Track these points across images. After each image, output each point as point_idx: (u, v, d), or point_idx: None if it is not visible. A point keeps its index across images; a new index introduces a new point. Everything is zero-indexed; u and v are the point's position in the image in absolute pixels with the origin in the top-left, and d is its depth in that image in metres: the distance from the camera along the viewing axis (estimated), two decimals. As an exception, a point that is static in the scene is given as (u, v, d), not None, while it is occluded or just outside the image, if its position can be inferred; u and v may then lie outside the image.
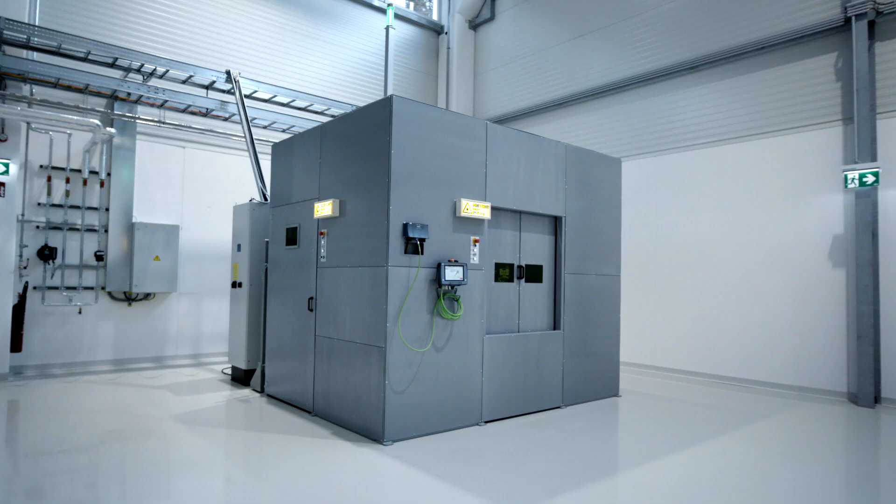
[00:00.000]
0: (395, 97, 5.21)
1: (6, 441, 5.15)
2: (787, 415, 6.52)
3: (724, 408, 6.83)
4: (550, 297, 6.77)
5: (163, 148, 9.15)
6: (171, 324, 9.21)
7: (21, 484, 4.10)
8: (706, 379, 8.42)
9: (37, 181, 8.10)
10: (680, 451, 5.07)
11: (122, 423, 5.64)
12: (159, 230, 8.91)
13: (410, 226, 5.18)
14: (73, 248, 8.35)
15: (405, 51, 12.49)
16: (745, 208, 8.22)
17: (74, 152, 8.36)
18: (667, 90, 9.30)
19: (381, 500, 3.97)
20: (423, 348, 5.28)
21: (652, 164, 9.39)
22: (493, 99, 12.45)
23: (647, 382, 8.37)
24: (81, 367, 8.35)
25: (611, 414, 6.43)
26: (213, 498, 3.93)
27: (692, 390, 7.83)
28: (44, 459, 4.61)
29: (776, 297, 7.83)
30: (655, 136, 9.42)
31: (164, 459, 4.66)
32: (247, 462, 4.75)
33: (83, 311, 8.38)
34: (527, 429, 5.70)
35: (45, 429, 5.38)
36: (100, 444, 4.99)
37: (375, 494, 4.03)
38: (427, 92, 12.86)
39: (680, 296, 8.89)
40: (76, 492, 3.96)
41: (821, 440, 5.58)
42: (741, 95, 8.38)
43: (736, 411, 6.64)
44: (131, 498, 3.83)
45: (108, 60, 8.01)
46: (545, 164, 6.55)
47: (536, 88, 11.43)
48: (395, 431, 5.08)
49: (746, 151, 8.26)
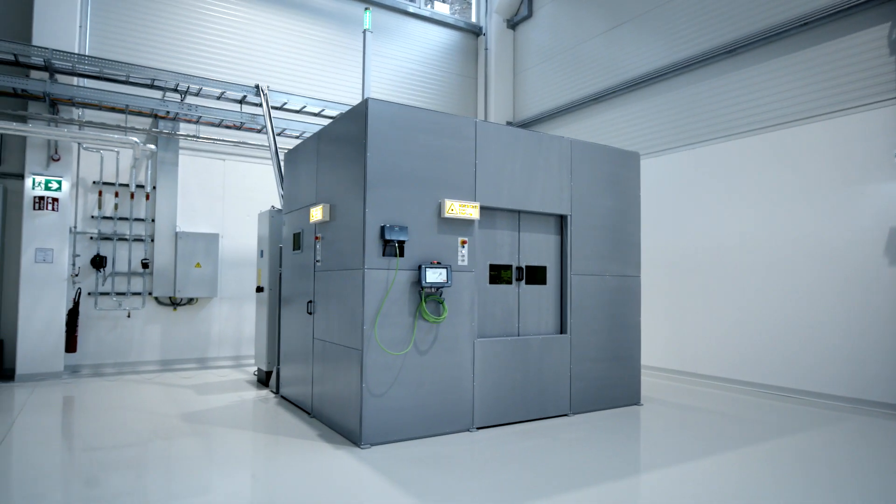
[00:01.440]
0: (370, 100, 5.21)
1: (55, 433, 5.64)
2: (832, 429, 5.84)
3: (758, 419, 6.22)
4: (556, 300, 6.48)
5: (204, 161, 9.71)
6: (214, 327, 9.72)
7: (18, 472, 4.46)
8: (746, 387, 7.73)
9: (90, 196, 8.84)
10: (680, 464, 4.68)
11: (131, 418, 6.00)
12: (200, 239, 9.45)
13: (388, 228, 5.15)
14: (122, 257, 9.03)
15: (444, 55, 12.51)
16: (789, 200, 7.48)
17: (123, 168, 9.05)
18: (705, 77, 8.67)
19: (328, 500, 3.95)
20: (402, 351, 5.21)
21: (690, 156, 8.78)
22: (531, 98, 12.17)
23: (678, 390, 7.80)
24: (131, 367, 9.00)
25: (621, 423, 6.04)
26: (156, 490, 4.07)
27: (727, 399, 7.21)
28: (51, 451, 5.00)
29: (824, 297, 7.05)
30: (694, 126, 8.80)
31: (141, 455, 4.90)
32: (216, 458, 4.87)
33: (132, 315, 9.04)
34: (519, 437, 5.48)
35: (64, 423, 5.84)
36: (95, 438, 5.34)
37: (325, 495, 4.02)
38: (467, 95, 12.80)
39: (720, 296, 8.22)
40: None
41: (865, 458, 4.94)
42: (784, 77, 7.65)
43: (770, 423, 6.03)
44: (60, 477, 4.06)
45: (147, 81, 8.61)
46: (546, 162, 6.29)
47: (574, 84, 11.05)
48: (374, 435, 5.05)
49: (791, 138, 7.52)
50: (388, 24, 11.74)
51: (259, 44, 10.25)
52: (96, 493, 3.98)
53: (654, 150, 9.36)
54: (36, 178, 8.04)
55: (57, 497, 3.95)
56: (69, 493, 4.07)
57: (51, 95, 7.92)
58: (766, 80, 7.85)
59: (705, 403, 7.01)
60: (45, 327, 8.08)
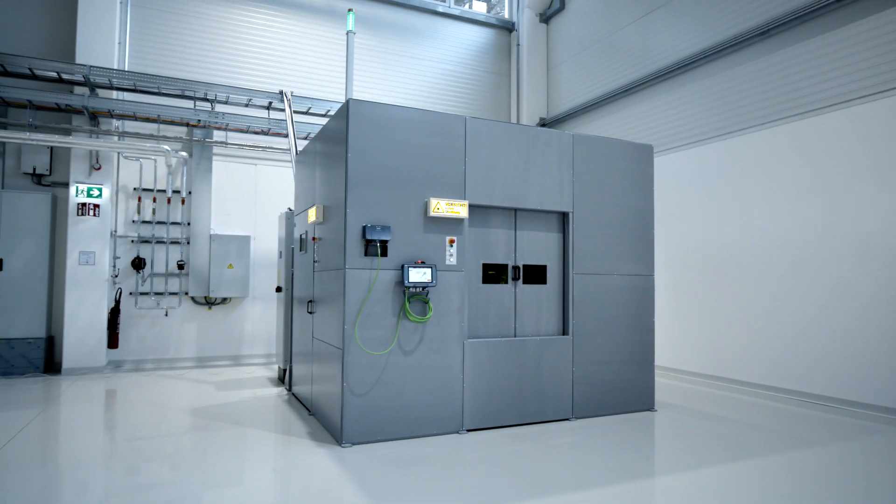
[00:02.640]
0: (351, 100, 5.23)
1: (89, 423, 6.07)
2: (867, 442, 5.31)
3: (782, 430, 5.75)
4: (558, 300, 6.26)
5: (236, 166, 10.11)
6: (247, 326, 10.10)
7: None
8: (779, 394, 7.16)
9: (130, 202, 9.42)
10: (676, 474, 4.40)
11: (142, 411, 6.32)
12: (233, 241, 9.84)
13: (369, 228, 5.16)
14: (160, 259, 9.56)
15: (476, 53, 12.42)
16: (827, 191, 6.87)
17: (160, 175, 9.58)
18: (736, 63, 8.12)
19: (282, 496, 3.99)
20: (382, 351, 5.20)
21: (722, 148, 8.24)
22: (565, 93, 11.85)
23: (702, 395, 7.34)
24: (169, 364, 9.51)
25: (624, 429, 5.75)
26: (121, 481, 4.25)
27: (753, 406, 6.71)
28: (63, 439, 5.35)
29: (862, 296, 6.42)
30: (725, 115, 8.26)
31: (123, 446, 5.14)
32: (194, 452, 4.99)
33: (169, 314, 9.55)
34: (509, 440, 5.34)
35: (81, 413, 6.25)
36: (98, 427, 5.66)
37: (283, 491, 4.06)
38: (500, 93, 12.65)
39: (753, 295, 7.67)
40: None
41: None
42: (822, 58, 7.03)
43: (796, 435, 5.56)
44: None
45: (178, 92, 9.07)
46: (545, 158, 6.09)
47: (606, 76, 10.66)
48: (355, 434, 5.07)
49: (828, 123, 6.90)
50: (418, 25, 11.79)
51: (288, 51, 10.56)
52: (50, 475, 4.22)
53: (685, 143, 8.87)
54: (79, 185, 8.65)
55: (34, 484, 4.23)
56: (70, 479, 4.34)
57: (90, 109, 8.49)
58: (803, 62, 7.24)
59: (727, 411, 6.56)
60: (88, 325, 8.69)
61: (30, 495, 3.88)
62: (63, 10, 9.11)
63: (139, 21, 9.50)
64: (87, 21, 8.79)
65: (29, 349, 8.47)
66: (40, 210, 8.65)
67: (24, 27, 8.97)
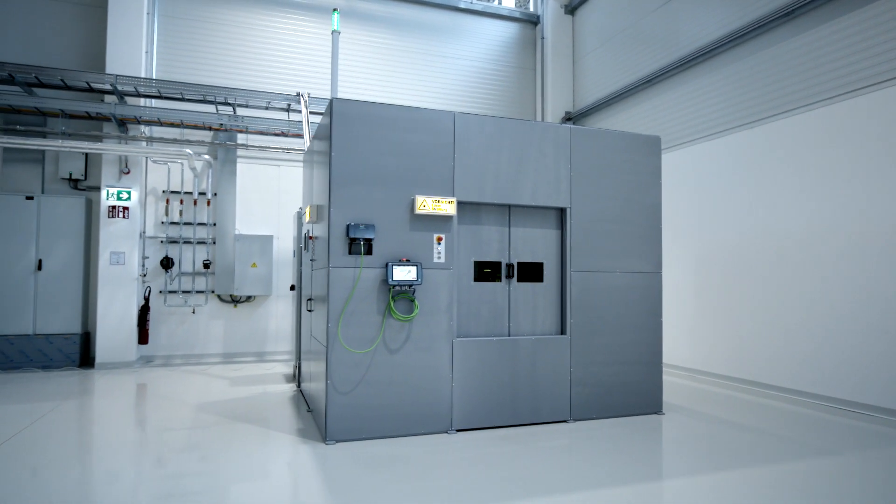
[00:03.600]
0: (335, 99, 5.26)
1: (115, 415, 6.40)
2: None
3: (793, 437, 5.39)
4: (556, 298, 6.09)
5: (260, 168, 10.38)
6: (270, 323, 10.36)
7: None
8: (808, 399, 6.72)
9: (159, 204, 9.84)
10: (662, 481, 4.20)
11: (151, 404, 6.58)
12: (256, 240, 10.12)
13: (352, 226, 5.17)
14: (187, 258, 9.94)
15: (501, 49, 12.27)
16: (864, 180, 6.38)
17: (188, 178, 9.95)
18: (762, 47, 7.66)
19: (245, 488, 4.05)
20: (365, 350, 5.20)
21: (748, 137, 7.79)
22: (590, 85, 11.53)
23: (719, 398, 6.97)
24: (196, 359, 9.87)
25: (623, 433, 5.53)
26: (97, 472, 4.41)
27: (777, 412, 6.32)
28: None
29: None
30: (751, 102, 7.81)
31: (121, 439, 5.34)
32: (178, 445, 5.13)
33: (196, 312, 9.91)
34: (497, 441, 5.23)
35: (95, 406, 6.56)
36: (98, 419, 5.92)
37: (247, 483, 4.13)
38: (525, 88, 12.44)
39: (779, 293, 7.22)
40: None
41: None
42: (855, 36, 6.53)
43: (806, 443, 5.21)
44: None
45: (199, 97, 9.39)
46: (540, 152, 5.94)
47: (631, 65, 10.30)
48: (339, 432, 5.10)
49: (863, 105, 6.40)
50: (442, 23, 11.75)
51: (308, 53, 10.74)
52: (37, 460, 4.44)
53: (710, 133, 8.44)
54: (109, 189, 9.10)
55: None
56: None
57: (117, 116, 8.91)
58: (835, 40, 6.75)
59: (743, 416, 6.20)
60: (119, 322, 9.13)
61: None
62: (95, 23, 9.59)
63: (165, 30, 9.90)
64: (116, 32, 9.22)
65: (66, 344, 8.98)
66: (75, 213, 9.15)
67: (59, 40, 9.50)
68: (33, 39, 9.39)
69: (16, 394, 7.08)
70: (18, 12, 9.32)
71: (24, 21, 9.35)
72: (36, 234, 8.91)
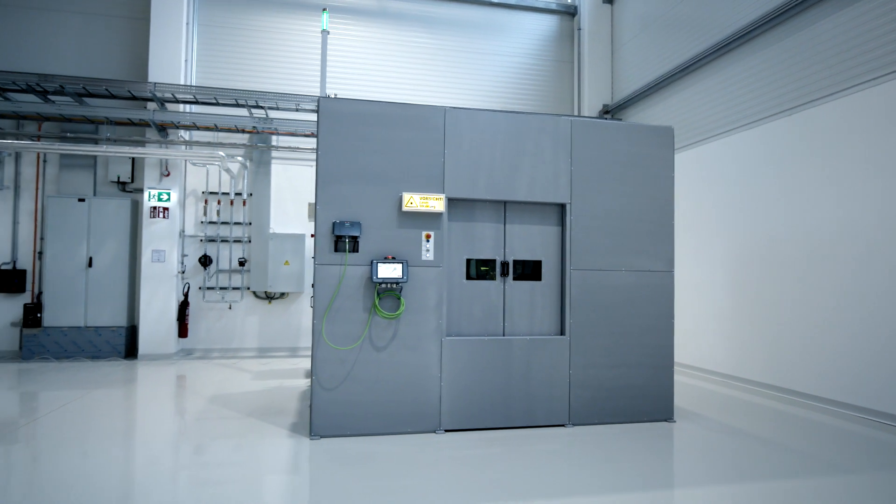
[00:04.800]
0: (322, 99, 5.30)
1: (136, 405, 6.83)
2: None
3: (810, 453, 4.93)
4: (555, 298, 5.86)
5: (295, 168, 10.68)
6: (303, 319, 10.64)
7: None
8: (847, 411, 6.12)
9: (199, 204, 10.33)
10: (644, 492, 3.97)
11: (168, 393, 6.90)
12: (288, 239, 10.42)
13: (338, 224, 5.20)
14: (224, 256, 10.38)
15: (539, 42, 12.02)
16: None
17: (225, 179, 10.39)
18: (805, 24, 7.05)
19: (206, 476, 4.16)
20: (349, 346, 5.21)
21: (786, 125, 7.20)
22: (629, 75, 11.06)
23: (742, 405, 6.49)
24: (233, 353, 10.29)
25: (623, 440, 5.25)
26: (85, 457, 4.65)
27: (800, 422, 5.81)
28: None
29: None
30: (790, 87, 7.21)
31: (122, 424, 5.61)
32: (171, 433, 5.35)
33: (233, 308, 10.34)
34: (485, 443, 5.11)
35: (120, 394, 6.96)
36: (116, 409, 6.25)
37: (210, 472, 4.24)
38: (563, 81, 12.11)
39: (815, 294, 6.63)
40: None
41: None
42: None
43: (822, 459, 4.75)
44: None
45: (232, 102, 9.77)
46: (536, 146, 5.74)
47: (669, 53, 9.78)
48: (324, 427, 5.14)
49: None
50: (476, 19, 11.65)
51: (340, 54, 10.94)
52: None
53: (747, 122, 7.87)
54: (150, 191, 9.65)
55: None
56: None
57: (156, 122, 9.43)
58: (883, 13, 6.12)
59: (762, 426, 5.74)
60: (160, 316, 9.67)
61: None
62: (140, 35, 10.18)
63: (204, 39, 10.38)
64: (158, 42, 9.76)
65: (113, 336, 9.61)
66: (122, 214, 9.76)
67: (108, 52, 10.17)
68: (86, 52, 10.10)
69: (62, 381, 7.64)
70: (72, 29, 10.05)
71: (77, 36, 10.07)
72: (87, 233, 9.58)
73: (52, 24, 10.00)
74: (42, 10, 9.94)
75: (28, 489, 3.99)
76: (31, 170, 9.88)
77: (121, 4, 10.21)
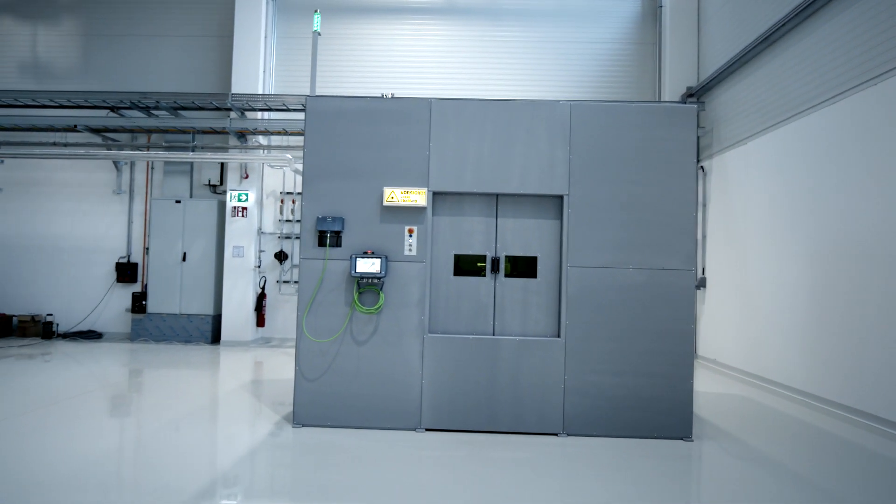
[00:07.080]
0: (309, 97, 5.46)
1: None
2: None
3: (833, 490, 4.09)
4: (553, 297, 5.45)
5: (363, 168, 11.09)
6: (370, 313, 11.00)
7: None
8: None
9: (277, 204, 11.14)
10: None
11: (214, 376, 7.52)
12: (355, 236, 10.84)
13: (321, 219, 5.33)
14: (297, 252, 11.08)
15: (618, 25, 11.28)
16: None
17: (299, 180, 11.09)
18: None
19: (169, 451, 4.47)
20: (327, 339, 5.29)
21: (874, 96, 6.00)
22: (714, 52, 9.91)
23: (802, 429, 5.52)
24: (305, 343, 10.94)
25: (619, 459, 4.74)
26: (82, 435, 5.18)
27: (873, 459, 4.81)
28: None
29: None
30: (883, 49, 6.00)
31: (141, 403, 6.18)
32: (175, 414, 5.77)
33: (305, 300, 11.00)
34: (462, 445, 4.93)
35: (174, 374, 7.75)
36: (146, 393, 6.94)
37: (186, 447, 4.55)
38: (646, 63, 11.21)
39: (878, 302, 5.45)
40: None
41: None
42: None
43: (837, 497, 3.94)
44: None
45: (298, 106, 10.39)
46: (529, 135, 5.38)
47: (753, 20, 8.60)
48: (306, 417, 5.30)
49: None
50: (547, 7, 11.21)
51: (415, 54, 11.14)
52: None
53: (832, 95, 6.68)
54: (232, 192, 10.61)
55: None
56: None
57: (233, 129, 10.34)
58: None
59: (806, 457, 4.84)
60: (239, 306, 10.59)
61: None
62: (226, 50, 11.22)
63: (280, 49, 11.17)
64: (240, 56, 10.68)
65: (201, 323, 10.72)
66: (210, 213, 10.85)
67: (200, 68, 11.34)
68: (182, 71, 11.36)
69: (151, 360, 8.71)
70: (170, 50, 11.37)
71: (175, 57, 11.38)
72: (182, 231, 10.79)
73: (154, 48, 11.39)
74: (146, 36, 11.37)
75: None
76: (141, 176, 11.35)
77: (210, 24, 11.34)
